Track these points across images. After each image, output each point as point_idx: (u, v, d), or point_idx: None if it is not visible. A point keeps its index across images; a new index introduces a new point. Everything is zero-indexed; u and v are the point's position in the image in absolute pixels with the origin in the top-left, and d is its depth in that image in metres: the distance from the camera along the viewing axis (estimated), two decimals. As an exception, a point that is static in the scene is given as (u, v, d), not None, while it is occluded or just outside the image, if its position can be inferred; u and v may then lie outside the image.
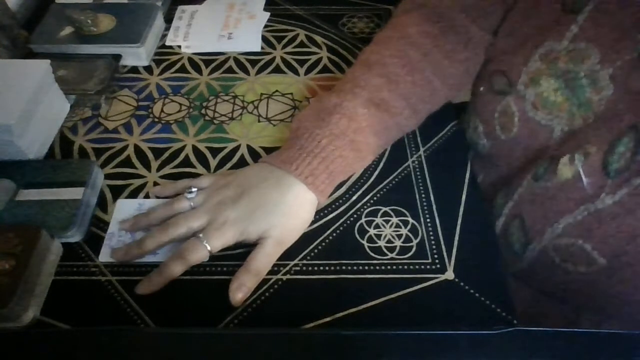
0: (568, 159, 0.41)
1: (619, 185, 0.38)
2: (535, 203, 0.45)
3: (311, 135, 0.45)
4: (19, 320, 0.37)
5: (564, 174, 0.42)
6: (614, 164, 0.38)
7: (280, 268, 0.42)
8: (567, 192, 0.41)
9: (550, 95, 0.43)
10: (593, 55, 0.40)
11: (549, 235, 0.43)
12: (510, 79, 0.47)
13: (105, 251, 0.43)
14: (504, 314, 0.39)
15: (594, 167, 0.40)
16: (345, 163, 0.45)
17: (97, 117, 0.55)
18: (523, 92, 0.45)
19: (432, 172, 0.49)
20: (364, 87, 0.47)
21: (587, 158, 0.40)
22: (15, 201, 0.44)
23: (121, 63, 0.59)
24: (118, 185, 0.48)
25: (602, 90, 0.40)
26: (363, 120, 0.46)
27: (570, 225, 0.41)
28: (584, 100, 0.41)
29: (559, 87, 0.42)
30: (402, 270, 0.42)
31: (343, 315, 0.39)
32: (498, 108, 0.48)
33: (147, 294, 0.39)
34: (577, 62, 0.41)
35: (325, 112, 0.46)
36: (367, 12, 0.69)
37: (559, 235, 0.42)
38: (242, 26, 0.66)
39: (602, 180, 0.39)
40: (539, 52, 0.44)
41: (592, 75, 0.40)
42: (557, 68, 0.42)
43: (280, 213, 0.42)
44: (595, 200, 0.39)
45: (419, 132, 0.53)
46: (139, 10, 0.62)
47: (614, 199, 0.38)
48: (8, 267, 0.37)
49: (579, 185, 0.40)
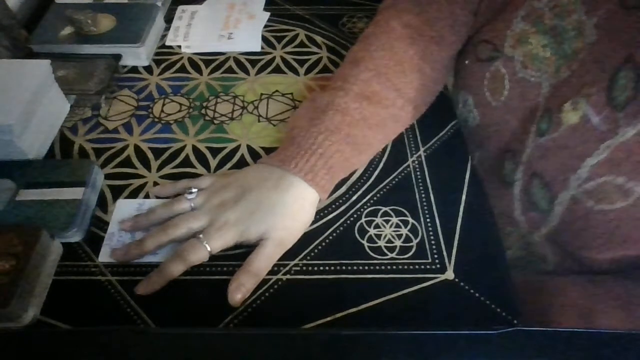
0: (570, 104, 0.42)
1: (635, 116, 0.38)
2: (548, 157, 0.45)
3: (307, 133, 0.45)
4: (19, 320, 0.37)
5: (569, 120, 0.42)
6: (619, 97, 0.39)
7: (280, 268, 0.42)
8: (579, 136, 0.41)
9: (539, 52, 0.44)
10: (577, 8, 0.41)
11: (575, 182, 0.43)
12: (496, 45, 0.48)
13: (105, 251, 0.43)
14: (504, 314, 0.39)
15: (600, 104, 0.40)
16: (344, 158, 0.45)
17: (97, 117, 0.55)
18: (511, 53, 0.46)
19: (432, 172, 0.49)
20: (353, 83, 0.48)
21: (589, 98, 0.40)
22: (15, 201, 0.44)
23: (121, 63, 0.59)
24: (118, 185, 0.48)
25: (585, 39, 0.41)
26: (356, 113, 0.46)
27: (596, 166, 0.41)
28: (569, 51, 0.42)
29: (547, 42, 0.44)
30: (402, 270, 0.42)
31: (343, 315, 0.39)
32: (487, 75, 0.49)
33: (146, 294, 0.39)
34: (563, 17, 0.42)
35: (318, 110, 0.46)
36: (367, 12, 0.69)
37: (586, 179, 0.42)
38: (242, 26, 0.66)
39: (612, 114, 0.39)
40: (521, 14, 0.45)
41: (578, 26, 0.42)
42: (544, 25, 0.44)
43: (280, 214, 0.42)
44: (613, 135, 0.39)
45: (419, 132, 0.53)
46: (139, 10, 0.62)
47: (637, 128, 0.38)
48: (8, 267, 0.37)
49: (589, 126, 0.40)
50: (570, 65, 0.43)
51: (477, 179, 0.49)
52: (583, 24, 0.41)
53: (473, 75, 0.51)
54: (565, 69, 0.43)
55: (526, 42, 0.45)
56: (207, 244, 0.40)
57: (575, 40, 0.42)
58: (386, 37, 0.51)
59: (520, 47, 0.46)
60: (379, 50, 0.50)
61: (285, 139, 0.47)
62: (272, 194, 0.42)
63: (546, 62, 0.44)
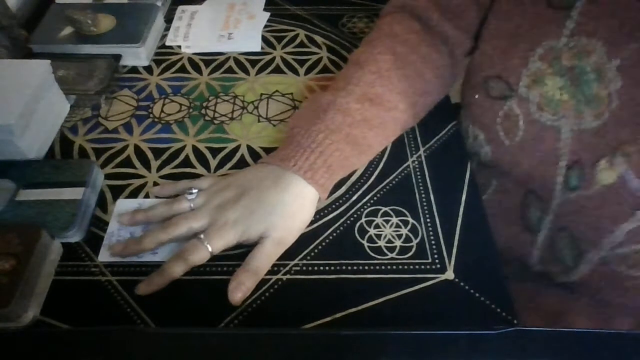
0: (607, 162, 0.40)
1: None
2: (582, 214, 0.43)
3: (307, 132, 0.45)
4: (19, 320, 0.37)
5: (605, 180, 0.40)
6: None
7: (280, 268, 0.42)
8: (616, 197, 0.40)
9: (555, 94, 0.42)
10: (597, 49, 0.39)
11: (608, 245, 0.42)
12: (509, 83, 0.45)
13: (104, 251, 0.43)
14: (504, 314, 0.39)
15: (637, 167, 0.38)
16: (343, 157, 0.45)
17: (97, 117, 0.55)
18: (526, 94, 0.44)
19: (432, 172, 0.49)
20: (356, 84, 0.48)
21: (628, 158, 0.38)
22: (15, 201, 0.44)
23: (121, 63, 0.59)
24: (118, 185, 0.48)
25: (609, 84, 0.39)
26: (358, 114, 0.46)
27: (632, 232, 0.40)
28: (590, 96, 0.40)
29: (564, 85, 0.41)
30: (402, 270, 0.42)
31: (343, 315, 0.39)
32: (500, 113, 0.47)
33: (147, 294, 0.39)
34: (582, 57, 0.40)
35: (320, 110, 0.46)
36: (367, 12, 0.69)
37: (620, 243, 0.41)
38: (242, 26, 0.66)
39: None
40: (538, 53, 0.43)
41: (598, 69, 0.39)
42: (561, 66, 0.41)
43: (279, 213, 0.42)
44: None
45: (419, 132, 0.53)
46: (139, 10, 0.62)
47: None
48: (8, 267, 0.37)
49: (627, 188, 0.39)
50: (599, 113, 0.40)
51: (476, 180, 0.49)
52: (604, 67, 0.39)
53: (485, 112, 0.49)
54: (590, 117, 0.40)
55: (542, 82, 0.43)
56: (208, 244, 0.40)
57: (595, 84, 0.39)
58: (389, 41, 0.51)
59: (536, 87, 0.43)
60: (383, 54, 0.49)
61: (286, 138, 0.47)
62: (271, 193, 0.42)
63: (563, 105, 0.42)
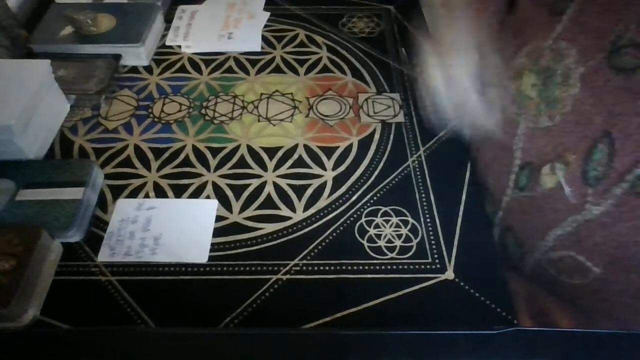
0: (549, 168, 0.41)
1: (602, 195, 0.38)
2: (525, 214, 0.44)
3: None
4: (19, 320, 0.37)
5: (546, 184, 0.41)
6: (592, 171, 0.38)
7: (280, 268, 0.42)
8: (553, 202, 0.41)
9: (525, 90, 0.43)
10: (571, 54, 0.40)
11: (541, 249, 0.43)
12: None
13: (104, 251, 0.43)
14: (504, 314, 0.39)
15: (574, 175, 0.39)
16: None
17: (97, 117, 0.55)
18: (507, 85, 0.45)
19: (432, 172, 0.49)
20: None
21: (567, 167, 0.40)
22: (15, 201, 0.44)
23: (121, 63, 0.59)
24: (118, 185, 0.48)
25: (569, 89, 0.40)
26: None
27: (561, 237, 0.41)
28: (552, 97, 0.41)
29: (535, 83, 0.43)
30: (402, 270, 0.42)
31: (343, 315, 0.39)
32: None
33: None
34: (557, 61, 0.41)
35: None
36: (367, 12, 0.69)
37: (551, 248, 0.42)
38: (242, 26, 0.66)
39: (583, 188, 0.39)
40: (526, 50, 0.44)
41: (566, 73, 0.40)
42: (539, 65, 0.43)
43: None
44: (581, 210, 0.39)
45: (419, 132, 0.53)
46: (139, 10, 0.62)
47: (600, 210, 0.38)
48: (8, 267, 0.37)
49: (562, 194, 0.40)
50: (552, 114, 0.41)
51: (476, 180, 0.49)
52: (570, 72, 0.40)
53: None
54: (545, 116, 0.42)
55: (519, 77, 0.44)
56: None
57: (559, 86, 0.41)
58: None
59: (515, 81, 0.45)
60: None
61: None
62: None
63: (529, 102, 0.43)
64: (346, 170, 0.50)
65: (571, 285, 0.43)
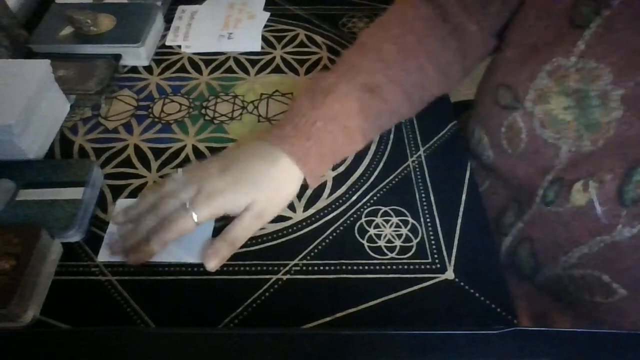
0: (582, 185, 0.40)
1: (636, 217, 0.37)
2: (547, 228, 0.43)
3: (305, 116, 0.45)
4: (19, 320, 0.37)
5: (577, 201, 0.40)
6: (630, 192, 0.37)
7: (280, 268, 0.42)
8: (581, 220, 0.40)
9: (559, 114, 0.41)
10: (605, 74, 0.38)
11: (563, 265, 0.42)
12: (517, 95, 0.45)
13: (104, 251, 0.43)
14: (504, 314, 0.39)
15: (608, 195, 0.38)
16: (336, 147, 0.45)
17: (97, 117, 0.55)
18: (531, 108, 0.43)
19: (432, 172, 0.49)
20: (359, 72, 0.47)
21: (601, 185, 0.38)
22: (15, 201, 0.44)
23: (121, 63, 0.59)
24: (118, 185, 0.48)
25: (611, 112, 0.38)
26: (356, 104, 0.46)
27: (586, 256, 0.40)
28: (593, 121, 0.39)
29: (569, 105, 0.40)
30: (402, 270, 0.42)
31: (343, 315, 0.39)
32: (505, 123, 0.46)
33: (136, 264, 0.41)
34: (587, 82, 0.39)
35: (321, 93, 0.46)
36: (367, 12, 0.69)
37: (573, 265, 0.41)
38: (242, 26, 0.66)
39: (617, 209, 0.38)
40: (546, 69, 0.42)
41: (603, 95, 0.38)
42: (568, 86, 0.40)
43: (265, 185, 0.42)
44: (611, 231, 0.38)
45: (419, 132, 0.53)
46: (139, 10, 0.62)
47: (632, 232, 0.37)
48: (8, 267, 0.37)
49: (593, 213, 0.39)
50: (595, 139, 0.39)
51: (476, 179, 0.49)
52: (608, 94, 0.38)
53: (491, 118, 0.49)
54: (588, 141, 0.40)
55: (547, 100, 0.42)
56: (194, 213, 0.40)
57: (599, 110, 0.38)
58: (399, 28, 0.50)
59: (540, 104, 0.42)
60: (390, 43, 0.49)
61: (285, 116, 0.47)
62: (259, 166, 0.43)
63: (566, 125, 0.41)
64: (346, 170, 0.50)
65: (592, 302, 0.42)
